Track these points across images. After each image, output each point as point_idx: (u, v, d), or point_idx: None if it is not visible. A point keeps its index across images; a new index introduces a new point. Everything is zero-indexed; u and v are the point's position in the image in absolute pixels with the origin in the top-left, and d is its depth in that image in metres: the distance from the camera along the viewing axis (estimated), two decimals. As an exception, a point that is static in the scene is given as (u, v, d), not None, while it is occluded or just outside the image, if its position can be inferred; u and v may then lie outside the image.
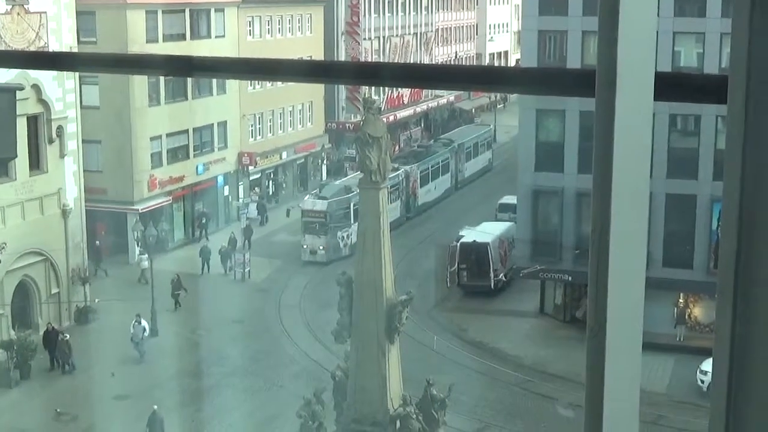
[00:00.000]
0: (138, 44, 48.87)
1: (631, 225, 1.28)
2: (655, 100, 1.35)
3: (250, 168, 57.71)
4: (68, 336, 37.89)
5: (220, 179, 55.99)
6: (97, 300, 42.66)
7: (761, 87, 1.42)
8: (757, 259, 1.43)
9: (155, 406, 32.45)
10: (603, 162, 1.25)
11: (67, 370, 37.38)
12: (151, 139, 50.89)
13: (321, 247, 49.29)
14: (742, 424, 1.46)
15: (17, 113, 39.09)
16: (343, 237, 49.66)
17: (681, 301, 40.83)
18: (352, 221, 47.72)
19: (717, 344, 1.44)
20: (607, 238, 1.25)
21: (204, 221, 52.94)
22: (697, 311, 40.81)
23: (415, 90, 73.71)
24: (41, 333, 38.97)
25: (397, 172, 52.66)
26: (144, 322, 39.09)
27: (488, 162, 69.38)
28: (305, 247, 49.53)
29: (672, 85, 1.69)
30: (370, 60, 65.07)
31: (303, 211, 50.75)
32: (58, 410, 34.02)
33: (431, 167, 59.73)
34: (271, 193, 60.26)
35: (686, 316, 40.80)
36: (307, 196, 52.39)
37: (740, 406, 1.46)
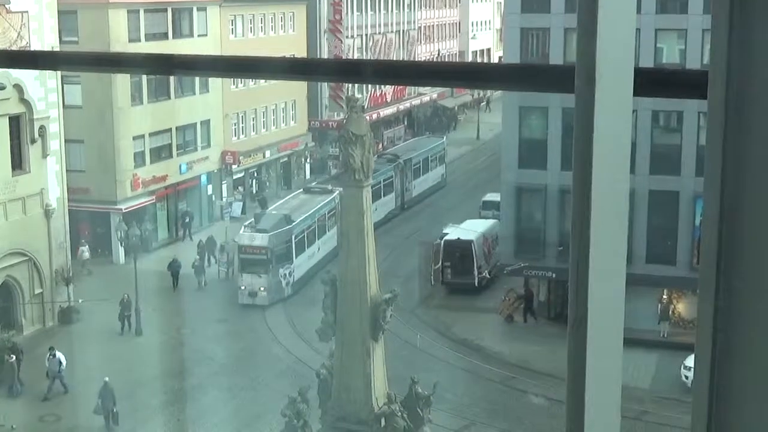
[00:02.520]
0: (120, 43, 48.72)
1: (612, 220, 1.28)
2: (635, 95, 1.35)
3: (234, 167, 57.61)
4: (14, 358, 35.52)
5: (204, 178, 55.87)
6: (81, 300, 42.50)
7: (741, 82, 1.43)
8: (738, 254, 1.44)
9: (106, 378, 32.92)
10: (583, 158, 1.25)
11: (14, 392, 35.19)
12: (134, 138, 50.75)
13: (261, 288, 43.64)
14: (724, 420, 1.47)
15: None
16: (285, 275, 44.46)
17: (665, 297, 40.97)
18: (294, 257, 44.76)
19: (699, 339, 1.45)
20: (587, 234, 1.25)
21: (187, 220, 52.80)
22: (681, 307, 40.96)
23: (399, 88, 73.71)
24: (24, 334, 38.82)
25: (332, 195, 47.58)
26: (59, 354, 35.49)
27: (441, 178, 63.48)
28: (243, 288, 43.65)
29: (652, 81, 1.70)
30: (352, 58, 65.07)
31: (240, 246, 44.67)
32: None
33: (372, 187, 54.17)
34: (254, 192, 60.17)
35: (670, 312, 40.94)
36: (243, 228, 46.20)
37: (722, 400, 1.46)
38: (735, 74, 1.43)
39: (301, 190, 52.29)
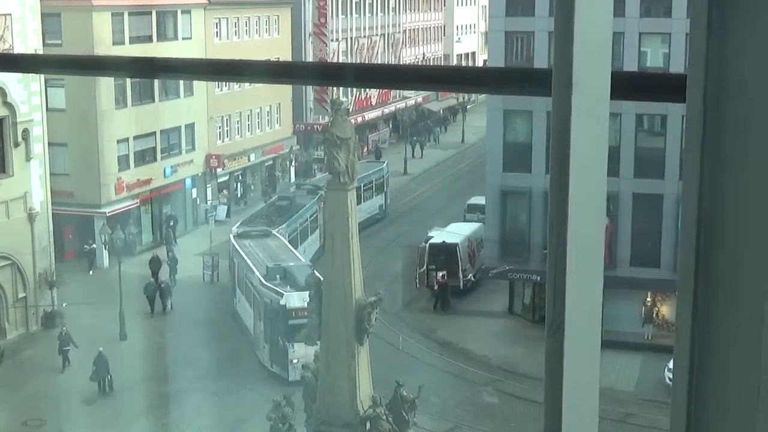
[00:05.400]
0: (104, 46, 48.60)
1: (589, 224, 1.28)
2: (612, 99, 1.36)
3: (218, 170, 57.52)
4: None
5: (188, 182, 55.76)
6: (64, 304, 42.34)
7: (720, 85, 1.43)
8: (716, 257, 1.44)
9: (101, 348, 34.63)
10: (560, 162, 1.25)
11: None
12: (118, 141, 50.62)
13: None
14: (703, 421, 1.47)
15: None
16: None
17: (649, 299, 41.10)
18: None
19: (677, 342, 1.45)
20: (564, 238, 1.25)
21: (172, 224, 52.66)
22: (665, 310, 41.10)
23: (384, 91, 73.79)
24: (8, 338, 38.63)
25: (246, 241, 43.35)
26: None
27: (378, 209, 55.08)
28: (295, 361, 35.27)
29: (631, 85, 1.70)
30: (337, 61, 65.05)
31: (288, 310, 36.24)
32: None
33: (300, 225, 47.69)
34: (239, 195, 60.09)
35: (654, 315, 41.08)
36: (259, 278, 38.61)
37: (701, 403, 1.46)
38: (713, 78, 1.43)
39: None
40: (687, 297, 1.44)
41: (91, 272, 46.83)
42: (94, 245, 47.64)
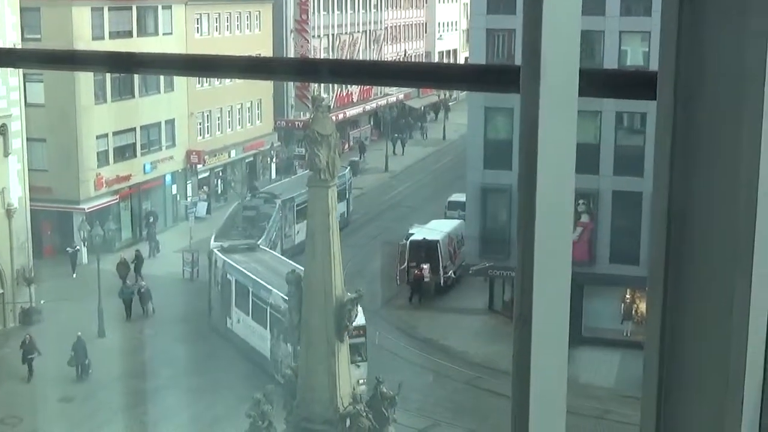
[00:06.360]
0: (84, 41, 48.36)
1: (557, 219, 1.29)
2: (582, 96, 1.37)
3: (199, 166, 57.35)
4: None
5: (168, 178, 55.58)
6: (42, 301, 42.13)
7: (690, 82, 1.44)
8: (686, 253, 1.45)
9: (79, 333, 35.01)
10: (528, 158, 1.26)
11: None
12: (98, 137, 50.39)
13: (361, 381, 32.82)
14: (673, 417, 1.48)
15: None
16: None
17: (628, 296, 41.25)
18: None
19: (648, 337, 1.46)
20: (532, 233, 1.26)
21: (151, 220, 52.48)
22: (644, 307, 41.18)
23: (365, 88, 73.75)
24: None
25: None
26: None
27: (340, 217, 48.51)
28: None
29: (600, 81, 1.71)
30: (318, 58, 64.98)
31: None
32: None
33: (275, 235, 47.26)
34: (219, 191, 59.94)
35: (633, 312, 41.22)
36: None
37: (671, 398, 1.47)
38: (684, 75, 1.44)
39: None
40: (657, 291, 1.45)
41: (75, 275, 45.91)
42: (78, 248, 46.82)
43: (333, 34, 71.64)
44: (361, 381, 32.91)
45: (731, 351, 1.41)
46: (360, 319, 33.26)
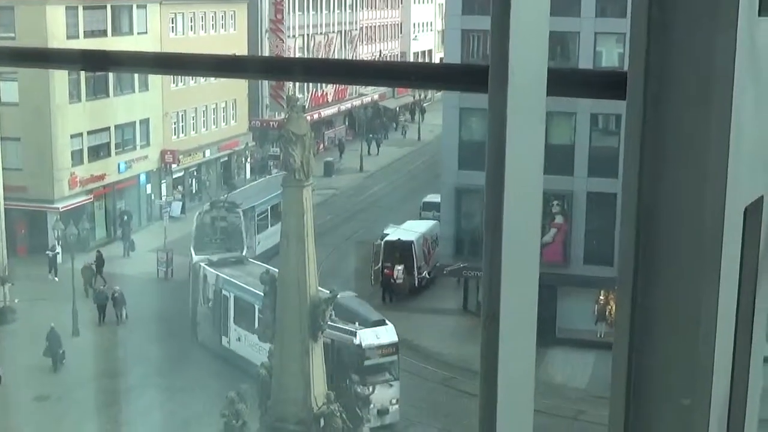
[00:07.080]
0: (58, 40, 48.07)
1: (525, 220, 1.29)
2: (551, 95, 1.37)
3: (173, 166, 57.12)
4: None
5: (143, 177, 55.34)
6: (16, 300, 41.83)
7: (659, 82, 1.45)
8: (655, 252, 1.46)
9: (52, 324, 35.08)
10: (496, 157, 1.27)
11: None
12: (72, 136, 50.10)
13: (393, 401, 32.85)
14: (641, 416, 1.49)
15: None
16: None
17: (602, 298, 41.40)
18: None
19: (616, 337, 1.47)
20: (499, 233, 1.27)
21: (125, 219, 52.24)
22: (617, 307, 41.42)
23: (340, 88, 73.71)
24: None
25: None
26: None
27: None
28: (372, 406, 31.31)
29: (569, 81, 1.72)
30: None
31: (365, 349, 32.79)
32: None
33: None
34: (194, 191, 59.72)
35: (607, 313, 41.36)
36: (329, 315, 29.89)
37: (639, 397, 1.48)
38: (653, 75, 1.45)
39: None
40: (626, 290, 1.46)
41: (56, 278, 44.85)
42: (58, 251, 45.93)
43: (308, 34, 71.56)
44: (393, 401, 32.55)
45: (699, 350, 1.42)
46: (392, 336, 33.66)
